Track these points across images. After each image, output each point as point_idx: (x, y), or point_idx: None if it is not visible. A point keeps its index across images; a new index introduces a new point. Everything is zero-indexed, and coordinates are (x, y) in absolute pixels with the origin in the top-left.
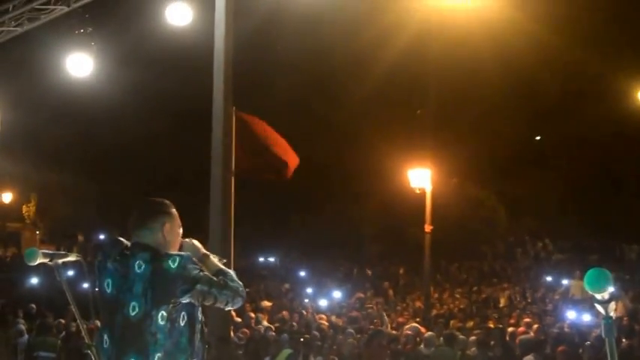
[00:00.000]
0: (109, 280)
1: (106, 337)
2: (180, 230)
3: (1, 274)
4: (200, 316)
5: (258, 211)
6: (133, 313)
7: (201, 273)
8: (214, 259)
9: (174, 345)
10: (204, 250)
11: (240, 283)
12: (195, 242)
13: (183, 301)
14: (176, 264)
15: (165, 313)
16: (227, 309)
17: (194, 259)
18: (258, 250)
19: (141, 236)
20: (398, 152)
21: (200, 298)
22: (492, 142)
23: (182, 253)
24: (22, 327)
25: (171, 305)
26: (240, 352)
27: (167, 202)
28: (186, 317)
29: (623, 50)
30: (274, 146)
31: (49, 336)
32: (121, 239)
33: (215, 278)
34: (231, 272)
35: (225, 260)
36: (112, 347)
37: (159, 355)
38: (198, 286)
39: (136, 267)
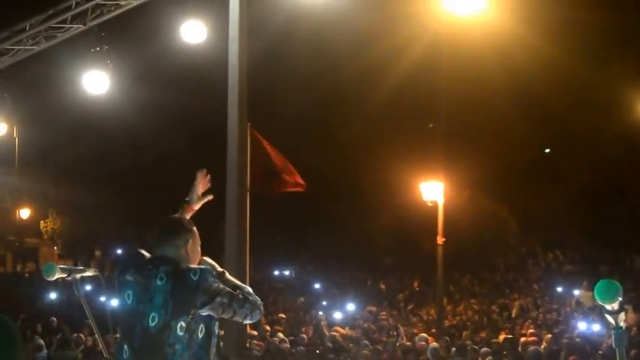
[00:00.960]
0: (130, 292)
1: (125, 347)
2: (199, 248)
3: (20, 290)
4: (216, 330)
5: (273, 225)
6: (152, 324)
7: (221, 286)
8: (229, 276)
9: (192, 356)
10: (220, 268)
11: (258, 298)
12: (211, 261)
13: (203, 314)
14: (197, 276)
15: (184, 324)
16: (246, 322)
17: (214, 272)
18: (273, 263)
19: (166, 251)
20: (410, 166)
21: (220, 310)
22: (503, 155)
23: (203, 266)
24: (41, 342)
25: (190, 316)
26: None
27: (187, 219)
28: (204, 330)
29: (631, 63)
30: (284, 165)
31: (68, 350)
32: (142, 252)
33: (234, 292)
34: (248, 288)
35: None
36: (132, 358)
37: None
38: (218, 299)
39: (158, 279)
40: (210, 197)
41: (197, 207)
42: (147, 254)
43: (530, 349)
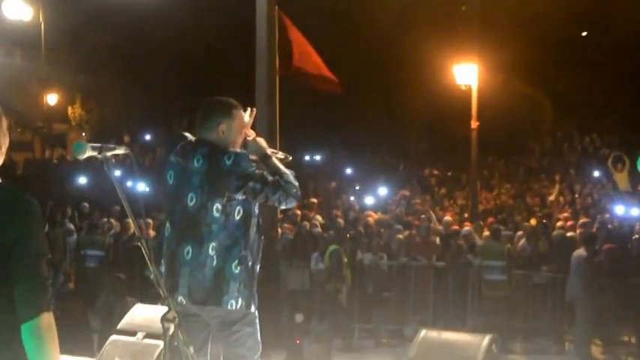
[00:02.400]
0: (172, 172)
1: (168, 225)
2: (244, 130)
3: (49, 174)
4: (257, 211)
5: (303, 111)
6: (190, 204)
7: (256, 171)
8: (277, 158)
9: (228, 236)
10: (269, 150)
11: (296, 184)
12: (261, 141)
13: (238, 197)
14: (230, 160)
15: (219, 206)
16: (280, 207)
17: (252, 157)
18: (304, 148)
19: (202, 134)
20: (443, 49)
21: (252, 195)
22: (539, 37)
23: (238, 150)
24: (71, 226)
25: (225, 199)
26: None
27: (230, 101)
28: (241, 212)
29: None
30: (315, 56)
31: (97, 234)
32: (186, 134)
33: (270, 178)
34: (289, 173)
35: (290, 157)
36: (173, 235)
37: (213, 244)
38: (251, 184)
39: (195, 161)
40: (253, 135)
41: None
42: (190, 137)
43: (566, 234)
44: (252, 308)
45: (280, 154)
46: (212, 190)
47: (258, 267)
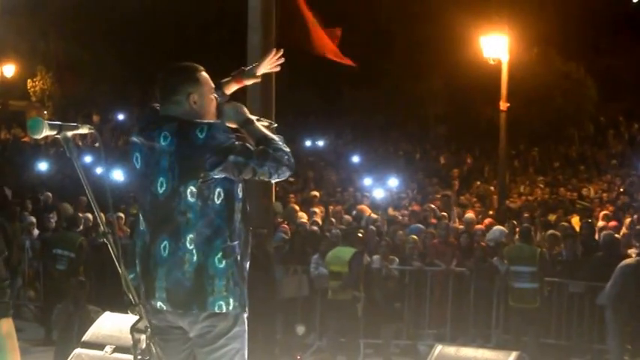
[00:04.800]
0: (138, 154)
1: (141, 218)
2: (213, 95)
3: (4, 160)
4: (241, 193)
5: (304, 86)
6: (160, 190)
7: (235, 142)
8: (261, 124)
9: (208, 225)
10: (250, 115)
11: (287, 149)
12: (239, 106)
13: (216, 176)
14: (204, 133)
15: (194, 189)
16: (272, 181)
17: (231, 126)
18: (304, 133)
19: (167, 110)
20: (469, 16)
21: (235, 171)
22: (582, 3)
23: (212, 121)
24: (32, 220)
25: (200, 180)
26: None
27: (192, 65)
28: (222, 194)
29: None
30: (320, 26)
31: (73, 232)
32: (157, 108)
33: (254, 148)
34: (277, 138)
35: (275, 124)
36: (147, 229)
37: (191, 236)
38: (232, 158)
39: (162, 139)
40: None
41: (248, 82)
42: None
43: (607, 234)
44: (246, 311)
45: (265, 121)
46: (184, 170)
47: (247, 264)
